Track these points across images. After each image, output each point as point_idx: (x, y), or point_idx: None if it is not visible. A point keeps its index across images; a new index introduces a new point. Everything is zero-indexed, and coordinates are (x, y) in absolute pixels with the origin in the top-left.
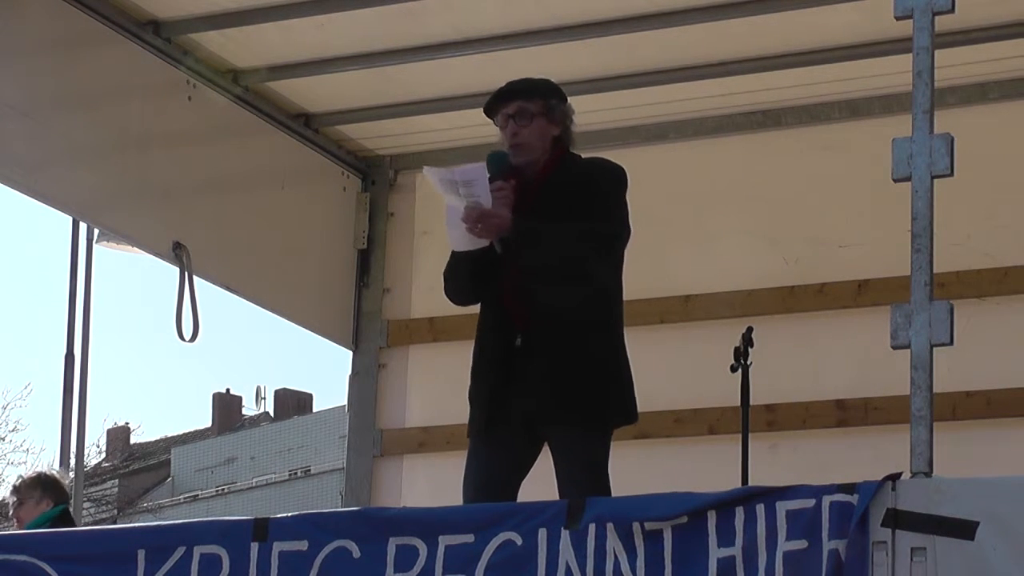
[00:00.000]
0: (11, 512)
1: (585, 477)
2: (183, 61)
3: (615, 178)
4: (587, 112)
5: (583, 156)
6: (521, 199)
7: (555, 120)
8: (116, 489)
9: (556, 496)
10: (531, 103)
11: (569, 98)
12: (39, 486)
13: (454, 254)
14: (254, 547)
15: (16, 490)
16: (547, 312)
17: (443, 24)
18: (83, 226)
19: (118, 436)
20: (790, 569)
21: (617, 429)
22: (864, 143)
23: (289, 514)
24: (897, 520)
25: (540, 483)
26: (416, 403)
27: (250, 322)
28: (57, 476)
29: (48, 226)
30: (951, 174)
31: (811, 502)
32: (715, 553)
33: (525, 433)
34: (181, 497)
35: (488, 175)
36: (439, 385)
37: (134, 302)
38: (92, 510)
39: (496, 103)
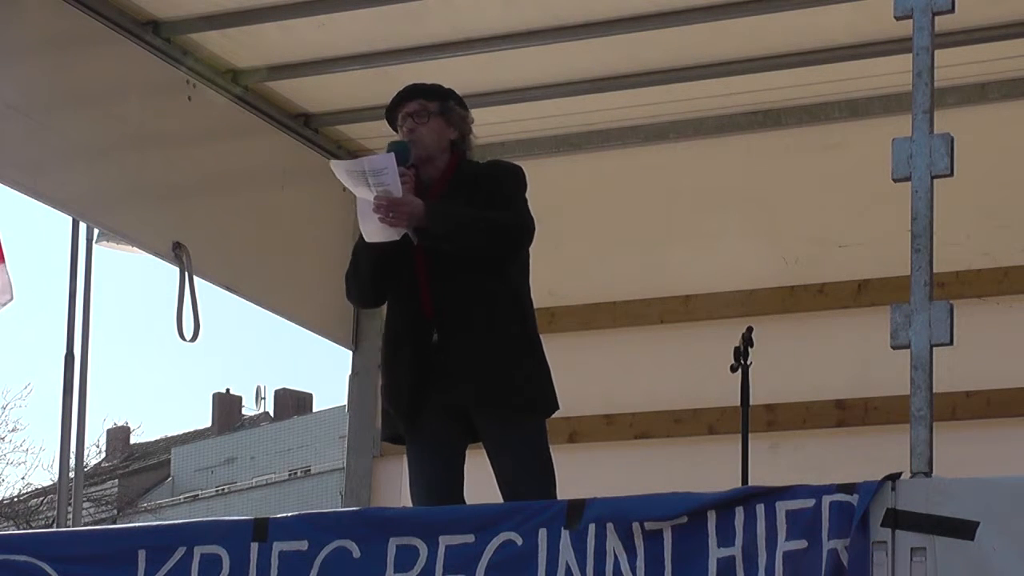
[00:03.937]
0: None
1: (522, 460)
2: (183, 61)
3: (515, 177)
4: (587, 112)
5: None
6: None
7: (452, 122)
8: (116, 489)
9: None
10: (431, 103)
11: (569, 98)
12: None
13: (355, 254)
14: (254, 547)
15: None
16: (464, 304)
17: (444, 24)
18: (83, 226)
19: (118, 436)
20: (790, 569)
21: (549, 419)
22: (864, 143)
23: (289, 514)
24: (897, 520)
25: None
26: None
27: (250, 322)
28: None
29: (48, 226)
30: (951, 174)
31: (811, 502)
32: (715, 553)
33: (454, 424)
34: (181, 497)
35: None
36: None
37: (134, 302)
38: (92, 510)
39: (397, 105)
